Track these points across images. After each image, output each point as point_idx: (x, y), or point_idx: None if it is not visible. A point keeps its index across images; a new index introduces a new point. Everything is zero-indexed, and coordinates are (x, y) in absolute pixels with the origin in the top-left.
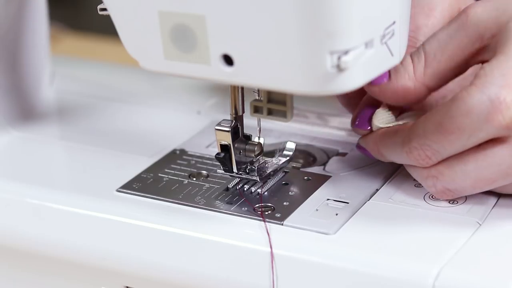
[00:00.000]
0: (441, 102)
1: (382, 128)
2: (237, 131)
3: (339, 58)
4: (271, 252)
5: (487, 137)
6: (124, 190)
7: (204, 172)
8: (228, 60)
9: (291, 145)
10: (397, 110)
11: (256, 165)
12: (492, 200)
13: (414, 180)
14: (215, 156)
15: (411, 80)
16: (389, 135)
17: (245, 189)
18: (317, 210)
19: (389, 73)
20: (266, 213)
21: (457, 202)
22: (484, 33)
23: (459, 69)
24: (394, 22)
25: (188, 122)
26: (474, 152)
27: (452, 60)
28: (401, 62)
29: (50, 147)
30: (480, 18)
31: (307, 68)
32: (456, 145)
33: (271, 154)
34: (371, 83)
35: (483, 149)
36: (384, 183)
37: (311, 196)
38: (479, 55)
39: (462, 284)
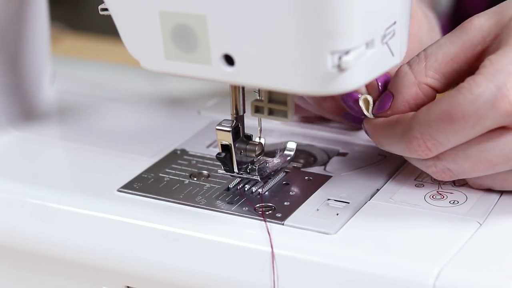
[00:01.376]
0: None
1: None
2: (238, 131)
3: (340, 58)
4: (272, 252)
5: (492, 125)
6: (125, 190)
7: (205, 172)
8: (229, 60)
9: (292, 145)
10: None
11: (256, 165)
12: (493, 200)
13: (415, 180)
14: (216, 156)
15: (413, 85)
16: (389, 124)
17: (246, 189)
18: (317, 210)
19: (391, 94)
20: (267, 213)
21: (458, 202)
22: (487, 36)
23: (464, 71)
24: (394, 22)
25: (188, 122)
26: (478, 138)
27: (454, 62)
28: (398, 73)
29: (51, 147)
30: (483, 24)
31: (307, 68)
32: (459, 135)
33: (272, 154)
34: (377, 112)
35: (487, 135)
36: (385, 183)
37: (311, 196)
38: (482, 56)
39: (462, 284)
